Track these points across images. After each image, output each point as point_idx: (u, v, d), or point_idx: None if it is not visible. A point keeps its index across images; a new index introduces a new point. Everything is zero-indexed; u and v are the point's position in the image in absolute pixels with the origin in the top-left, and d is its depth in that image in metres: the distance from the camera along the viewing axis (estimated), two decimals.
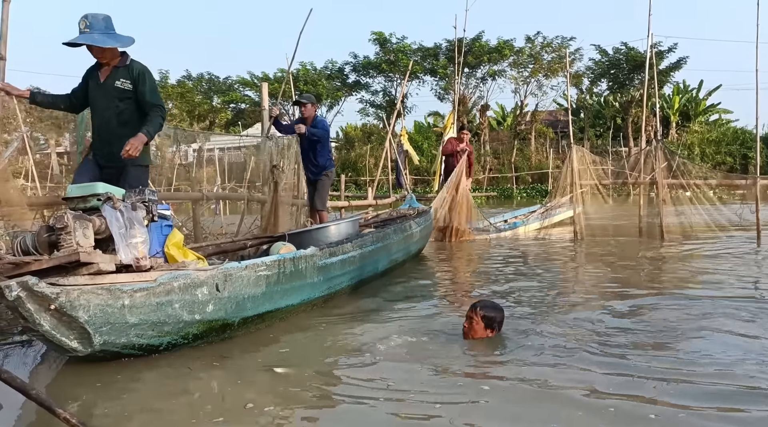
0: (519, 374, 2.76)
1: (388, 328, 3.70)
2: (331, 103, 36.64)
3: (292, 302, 3.84)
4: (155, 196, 3.23)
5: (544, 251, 7.68)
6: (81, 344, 2.76)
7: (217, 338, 3.31)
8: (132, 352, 2.96)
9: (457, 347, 3.21)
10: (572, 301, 4.44)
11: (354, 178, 30.87)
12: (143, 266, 2.93)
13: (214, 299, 3.16)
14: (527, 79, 33.78)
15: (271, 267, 3.57)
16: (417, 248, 6.75)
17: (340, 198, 13.83)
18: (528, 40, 32.65)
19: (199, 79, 37.12)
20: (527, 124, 35.25)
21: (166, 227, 3.46)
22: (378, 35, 33.74)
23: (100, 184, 3.10)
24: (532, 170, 31.64)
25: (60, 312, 2.63)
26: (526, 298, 4.55)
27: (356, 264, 4.64)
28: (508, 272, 5.91)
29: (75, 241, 2.72)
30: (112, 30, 3.87)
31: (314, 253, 4.03)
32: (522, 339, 3.31)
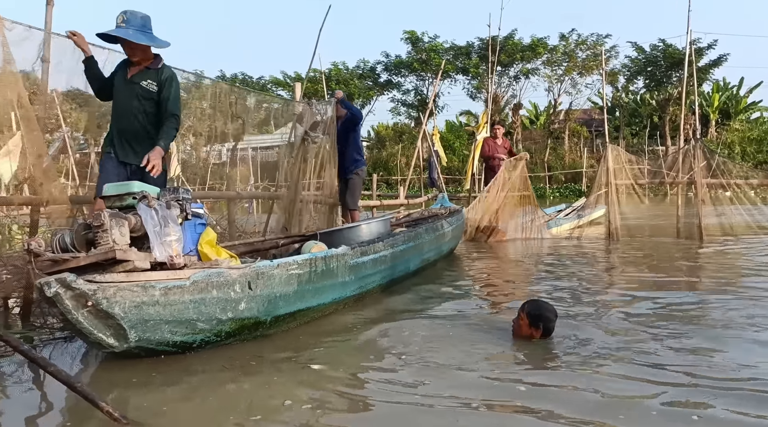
0: (554, 376, 2.72)
1: (422, 326, 3.69)
2: (362, 102, 36.72)
3: (324, 301, 3.84)
4: (189, 195, 3.25)
5: (578, 251, 7.56)
6: (117, 341, 2.81)
7: (249, 337, 3.32)
8: (166, 349, 2.99)
9: (492, 347, 3.18)
10: (612, 302, 4.35)
11: (385, 177, 30.88)
12: (177, 264, 2.96)
13: (247, 297, 3.17)
14: (561, 77, 33.34)
15: (303, 266, 3.57)
16: (449, 247, 6.70)
17: (371, 197, 13.85)
18: (562, 38, 32.25)
19: (233, 80, 37.62)
20: (561, 122, 34.77)
21: (199, 225, 3.49)
22: (410, 34, 33.71)
23: (136, 183, 3.13)
24: (565, 170, 31.20)
25: (96, 309, 2.68)
26: (564, 298, 4.48)
27: (388, 263, 4.62)
28: (543, 272, 5.84)
29: (111, 239, 2.76)
30: (149, 30, 3.86)
31: (346, 252, 4.02)
32: (561, 340, 3.26)
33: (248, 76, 38.00)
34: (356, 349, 3.32)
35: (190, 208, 3.24)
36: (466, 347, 3.20)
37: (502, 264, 6.85)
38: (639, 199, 9.05)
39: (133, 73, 3.91)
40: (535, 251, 7.75)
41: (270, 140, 37.89)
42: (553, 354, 3.06)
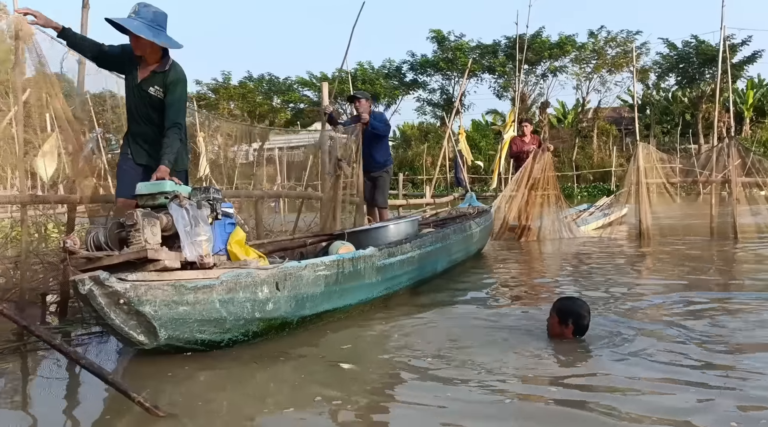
0: (588, 378, 2.68)
1: (451, 326, 3.68)
2: (388, 102, 36.73)
3: (350, 302, 3.84)
4: (220, 195, 3.26)
5: (609, 251, 7.44)
6: (147, 338, 2.85)
7: (275, 337, 3.35)
8: (195, 347, 3.03)
9: (523, 347, 3.14)
10: (645, 303, 4.27)
11: (411, 176, 30.84)
12: (207, 264, 2.98)
13: (274, 297, 3.19)
14: (590, 75, 32.84)
15: (330, 267, 3.58)
16: (477, 247, 6.66)
17: (398, 197, 13.85)
18: (591, 35, 31.77)
19: (260, 80, 37.94)
20: (589, 121, 34.29)
21: (229, 225, 3.50)
22: (436, 33, 33.58)
23: (169, 182, 3.15)
24: (593, 169, 30.75)
25: (128, 306, 2.73)
26: (597, 298, 4.40)
27: (415, 264, 4.59)
28: (575, 272, 5.76)
29: (143, 238, 2.79)
30: (159, 26, 3.62)
31: (373, 253, 4.00)
32: (595, 341, 3.20)
33: (275, 76, 38.27)
34: (385, 346, 3.32)
35: (221, 208, 3.25)
36: (497, 347, 3.18)
37: (532, 264, 6.79)
38: (671, 199, 8.87)
39: (142, 78, 3.73)
40: (565, 250, 7.66)
41: (296, 140, 38.32)
42: (587, 354, 3.02)
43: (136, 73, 3.74)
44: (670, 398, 2.41)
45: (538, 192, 8.87)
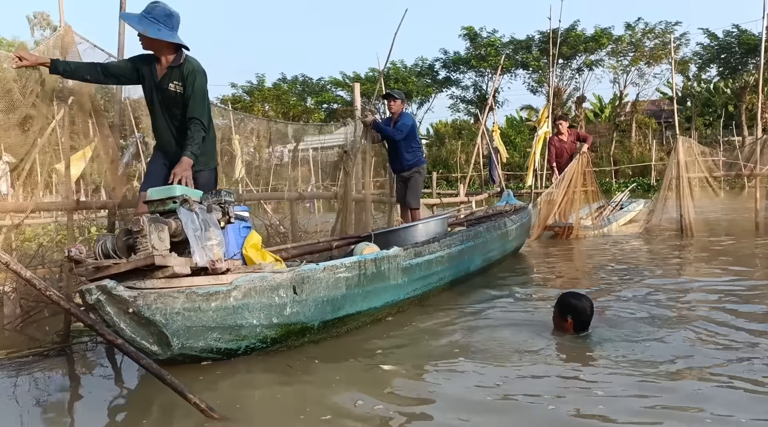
0: (619, 384, 2.63)
1: (489, 326, 3.65)
2: (421, 100, 36.64)
3: (375, 304, 3.72)
4: (232, 198, 3.19)
5: (648, 248, 7.27)
6: (160, 348, 2.77)
7: (297, 343, 3.25)
8: (211, 355, 2.95)
9: (558, 344, 3.10)
10: (685, 301, 4.16)
11: (445, 174, 30.69)
12: (219, 269, 2.89)
13: (292, 301, 3.10)
14: (627, 67, 32.12)
15: (351, 269, 3.45)
16: (514, 245, 6.53)
17: (431, 195, 13.79)
18: (628, 27, 31.05)
19: (294, 82, 38.29)
20: (627, 115, 33.54)
21: (244, 229, 3.40)
22: (468, 30, 33.34)
23: (178, 186, 3.08)
24: (632, 163, 30.07)
25: (138, 315, 2.65)
26: (634, 297, 4.32)
27: (445, 264, 4.48)
28: (613, 269, 5.63)
29: (150, 244, 2.71)
30: (167, 25, 3.61)
31: (398, 253, 3.90)
32: (624, 342, 3.14)
33: (308, 77, 38.55)
34: (423, 347, 3.29)
35: (233, 211, 3.17)
36: (539, 349, 3.14)
37: (571, 262, 6.67)
38: (713, 193, 8.62)
39: (160, 76, 3.73)
40: (602, 247, 7.51)
41: (330, 140, 38.41)
42: (620, 359, 2.96)
43: (155, 73, 3.76)
44: (691, 402, 2.34)
45: (576, 189, 8.73)
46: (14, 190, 10.53)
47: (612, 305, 4.05)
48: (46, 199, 11.31)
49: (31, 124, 3.73)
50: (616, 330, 3.36)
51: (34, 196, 5.15)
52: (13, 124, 3.59)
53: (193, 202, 2.97)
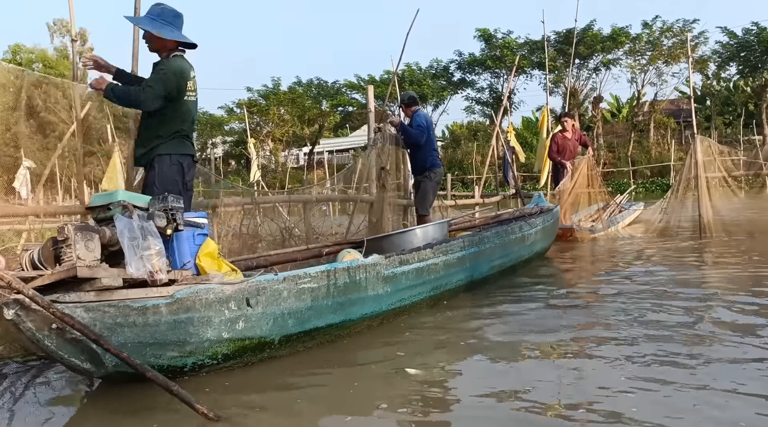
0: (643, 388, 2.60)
1: (513, 327, 3.63)
2: (436, 102, 36.60)
3: (350, 316, 3.45)
4: (180, 204, 2.99)
5: (667, 249, 7.18)
6: (93, 365, 2.56)
7: (254, 359, 3.04)
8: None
9: (585, 346, 3.08)
10: (703, 304, 4.11)
11: (461, 176, 30.62)
12: (159, 280, 2.69)
13: (245, 315, 2.88)
14: (645, 67, 31.78)
15: (318, 279, 3.21)
16: (532, 250, 6.11)
17: (446, 197, 13.76)
18: (645, 26, 30.74)
19: (309, 85, 38.45)
20: (645, 114, 33.20)
21: (199, 236, 3.19)
22: (482, 32, 33.24)
23: (121, 191, 2.94)
24: (651, 164, 29.74)
25: (63, 331, 2.43)
26: (652, 300, 4.27)
27: (440, 272, 4.19)
28: (631, 272, 5.54)
29: (75, 254, 2.51)
30: (177, 26, 3.67)
31: (377, 261, 3.63)
32: (648, 344, 3.11)
33: (323, 80, 38.72)
34: (444, 350, 3.27)
35: (182, 218, 2.97)
36: (562, 349, 3.12)
37: (586, 264, 6.60)
38: (733, 193, 8.50)
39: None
40: (614, 249, 7.43)
41: (346, 143, 38.51)
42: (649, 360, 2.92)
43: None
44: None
45: (581, 191, 8.65)
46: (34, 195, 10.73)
47: (632, 305, 4.01)
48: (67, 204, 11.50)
49: (52, 130, 3.80)
50: (643, 330, 3.32)
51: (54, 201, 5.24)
52: (34, 131, 3.68)
53: (133, 208, 2.79)
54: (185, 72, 3.64)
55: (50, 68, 37.23)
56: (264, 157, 35.50)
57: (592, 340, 3.27)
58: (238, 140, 38.45)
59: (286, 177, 30.67)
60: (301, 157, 41.90)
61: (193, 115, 3.82)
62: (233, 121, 39.12)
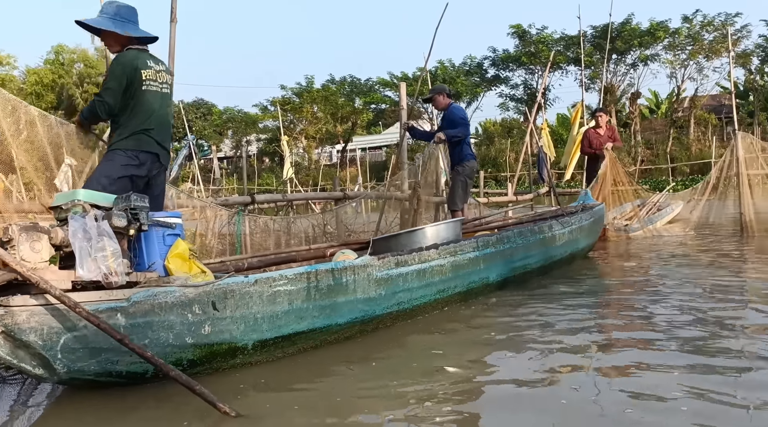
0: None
1: (548, 324, 3.58)
2: (469, 99, 36.38)
3: (337, 321, 3.25)
4: (145, 202, 2.86)
5: (706, 248, 7.00)
6: (46, 371, 2.46)
7: (226, 365, 2.86)
8: (110, 379, 2.61)
9: (626, 347, 3.04)
10: (755, 307, 4.00)
11: (494, 174, 30.39)
12: (114, 283, 2.56)
13: (211, 319, 2.74)
14: (685, 62, 30.98)
15: (296, 281, 3.02)
16: (568, 250, 5.75)
17: (479, 194, 13.68)
18: (685, 20, 29.95)
19: (342, 83, 38.65)
20: (685, 110, 32.37)
21: (169, 237, 3.05)
22: (516, 28, 32.89)
23: (82, 190, 2.83)
24: (691, 161, 29.00)
25: (10, 336, 2.34)
26: (698, 304, 4.17)
27: (446, 274, 3.95)
28: (670, 272, 5.37)
29: (19, 256, 2.40)
30: (124, 19, 3.54)
31: (367, 263, 3.41)
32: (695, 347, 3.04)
33: (356, 78, 38.87)
34: (480, 347, 3.25)
35: (146, 218, 2.85)
36: (609, 352, 3.08)
37: (621, 264, 6.47)
38: None
39: None
40: (651, 248, 7.27)
41: (379, 140, 38.47)
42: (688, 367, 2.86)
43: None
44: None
45: (607, 189, 8.46)
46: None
47: (671, 306, 3.93)
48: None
49: (95, 127, 3.88)
50: (681, 332, 3.26)
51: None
52: (75, 128, 3.74)
53: (90, 208, 2.69)
54: (134, 61, 3.47)
55: (91, 68, 38.31)
56: (297, 155, 35.81)
57: (630, 341, 3.22)
58: (272, 138, 38.89)
59: (319, 174, 30.90)
60: (333, 154, 42.15)
61: (155, 107, 3.57)
62: (267, 118, 39.60)
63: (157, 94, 3.56)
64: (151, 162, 3.56)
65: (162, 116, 3.61)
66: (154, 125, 3.55)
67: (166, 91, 3.65)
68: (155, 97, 3.55)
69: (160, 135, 3.60)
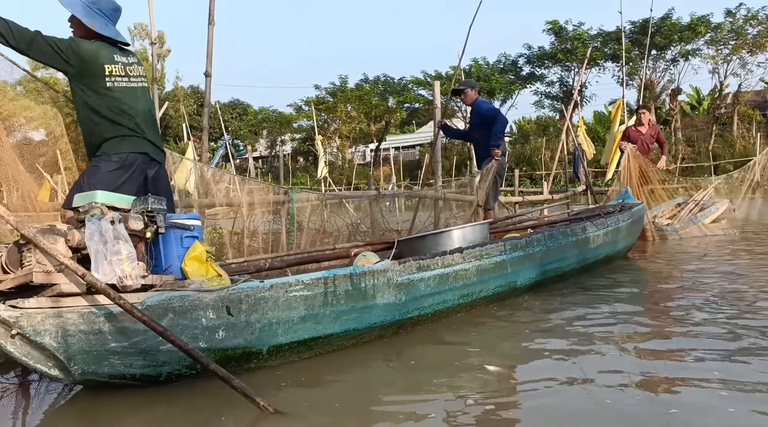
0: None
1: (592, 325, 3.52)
2: (504, 97, 36.03)
3: (355, 326, 3.20)
4: (162, 205, 2.85)
5: (749, 249, 6.77)
6: (62, 373, 2.50)
7: (240, 369, 2.82)
8: (125, 382, 2.63)
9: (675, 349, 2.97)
10: None
11: (529, 172, 30.04)
12: (129, 286, 2.56)
13: (226, 324, 2.73)
14: (727, 57, 30.07)
15: (312, 286, 2.99)
16: (602, 253, 5.53)
17: (514, 193, 13.53)
18: (728, 14, 29.06)
19: (376, 82, 38.71)
20: (728, 107, 31.42)
21: (187, 239, 3.03)
22: (552, 24, 32.42)
23: (100, 192, 2.81)
24: (734, 158, 28.13)
25: (25, 338, 2.38)
26: (741, 309, 4.05)
27: (471, 279, 3.85)
28: (713, 274, 5.18)
29: (34, 259, 2.42)
30: (100, 12, 3.30)
31: (387, 267, 3.34)
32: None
33: (390, 77, 38.88)
34: (518, 346, 3.23)
35: (164, 221, 2.84)
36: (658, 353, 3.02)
37: (661, 265, 6.31)
38: None
39: None
40: (693, 249, 7.07)
41: (412, 139, 38.54)
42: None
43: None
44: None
45: (644, 188, 8.23)
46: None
47: (713, 309, 3.81)
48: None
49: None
50: (723, 336, 3.17)
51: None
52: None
53: (107, 210, 2.68)
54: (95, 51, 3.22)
55: None
56: (331, 154, 36.05)
57: (671, 343, 3.14)
58: (306, 137, 39.24)
59: (353, 173, 31.03)
60: (367, 153, 42.26)
61: (132, 104, 3.35)
62: (302, 118, 39.95)
63: (129, 89, 3.33)
64: (140, 162, 3.35)
65: (144, 111, 3.42)
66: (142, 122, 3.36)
67: (144, 84, 3.47)
68: (128, 92, 3.32)
69: (151, 133, 3.44)
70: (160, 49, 33.65)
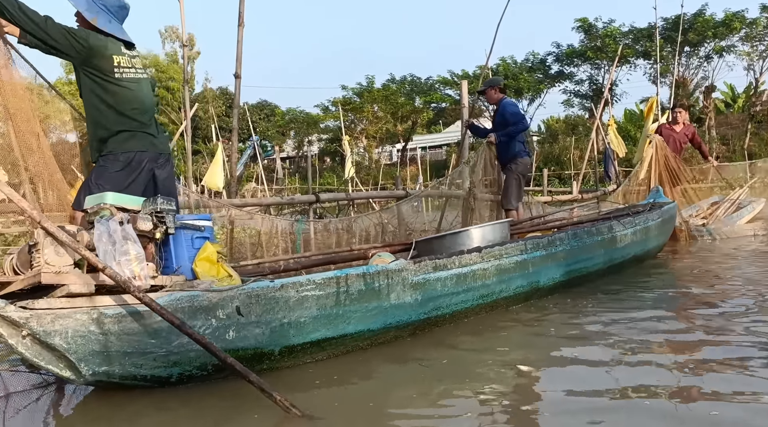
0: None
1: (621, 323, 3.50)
2: (532, 96, 35.65)
3: (370, 326, 3.17)
4: (172, 206, 2.85)
5: None
6: (73, 373, 2.51)
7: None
8: (136, 383, 2.65)
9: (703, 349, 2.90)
10: None
11: (558, 172, 29.67)
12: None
13: (236, 324, 2.72)
14: (763, 53, 29.28)
15: (325, 286, 2.95)
16: (630, 252, 5.40)
17: (542, 193, 13.38)
18: (764, 9, 28.27)
19: (402, 82, 38.64)
20: (764, 104, 30.57)
21: (198, 240, 3.02)
22: (582, 21, 31.94)
23: (110, 193, 2.83)
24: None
25: (36, 339, 2.40)
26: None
27: (490, 279, 3.79)
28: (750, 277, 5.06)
29: (43, 260, 2.42)
30: (105, 8, 3.26)
31: (402, 267, 3.31)
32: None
33: (417, 77, 38.76)
34: (549, 345, 3.20)
35: (173, 222, 2.83)
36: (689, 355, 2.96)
37: (695, 266, 6.13)
38: None
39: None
40: (729, 250, 6.89)
41: (439, 139, 38.43)
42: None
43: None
44: None
45: (676, 188, 8.04)
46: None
47: (749, 313, 3.72)
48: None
49: (162, 131, 3.98)
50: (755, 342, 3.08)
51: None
52: None
53: (116, 211, 2.70)
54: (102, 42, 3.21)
55: (161, 72, 39.90)
56: (358, 154, 36.10)
57: (704, 347, 3.08)
58: (333, 138, 39.35)
59: (380, 174, 31.05)
60: (394, 153, 42.24)
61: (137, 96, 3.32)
62: (328, 119, 40.08)
63: (136, 81, 3.31)
64: (146, 161, 3.32)
65: (149, 106, 3.40)
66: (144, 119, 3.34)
67: (145, 76, 3.44)
68: (138, 86, 3.32)
69: (154, 127, 3.42)
70: (190, 52, 34.17)
